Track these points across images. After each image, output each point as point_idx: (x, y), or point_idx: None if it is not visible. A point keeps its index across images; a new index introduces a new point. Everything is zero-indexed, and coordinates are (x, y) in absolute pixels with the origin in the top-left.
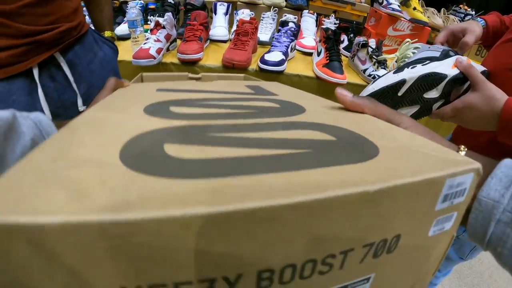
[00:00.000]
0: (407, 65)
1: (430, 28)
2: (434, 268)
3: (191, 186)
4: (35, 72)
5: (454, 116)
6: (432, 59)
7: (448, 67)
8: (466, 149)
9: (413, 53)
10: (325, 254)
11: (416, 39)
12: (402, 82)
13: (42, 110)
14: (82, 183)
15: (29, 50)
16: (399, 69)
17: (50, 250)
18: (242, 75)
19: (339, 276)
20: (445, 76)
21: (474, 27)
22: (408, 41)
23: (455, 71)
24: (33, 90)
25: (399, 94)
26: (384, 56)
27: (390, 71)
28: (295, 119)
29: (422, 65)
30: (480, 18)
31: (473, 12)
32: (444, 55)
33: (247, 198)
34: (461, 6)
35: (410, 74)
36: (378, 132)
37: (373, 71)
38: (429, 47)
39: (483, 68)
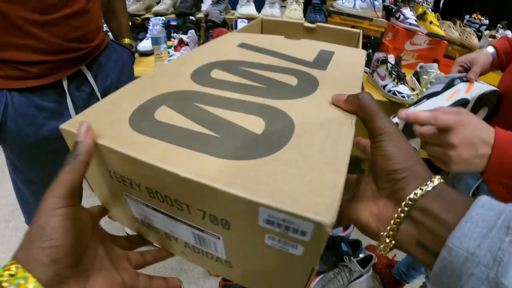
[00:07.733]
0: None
1: (447, 42)
2: (287, 277)
3: (141, 139)
4: (65, 84)
5: None
6: (433, 94)
7: (442, 100)
8: (441, 180)
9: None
10: (174, 198)
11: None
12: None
13: (69, 117)
14: (107, 120)
15: (59, 66)
16: (395, 115)
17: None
18: (358, 31)
19: (189, 218)
20: None
21: (479, 58)
22: (425, 78)
23: (450, 102)
24: (62, 98)
25: None
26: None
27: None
28: (274, 104)
29: (415, 106)
30: (489, 45)
31: (487, 21)
32: (448, 86)
33: (145, 155)
34: (474, 15)
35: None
36: (315, 144)
37: (392, 87)
38: (440, 79)
39: (491, 88)
